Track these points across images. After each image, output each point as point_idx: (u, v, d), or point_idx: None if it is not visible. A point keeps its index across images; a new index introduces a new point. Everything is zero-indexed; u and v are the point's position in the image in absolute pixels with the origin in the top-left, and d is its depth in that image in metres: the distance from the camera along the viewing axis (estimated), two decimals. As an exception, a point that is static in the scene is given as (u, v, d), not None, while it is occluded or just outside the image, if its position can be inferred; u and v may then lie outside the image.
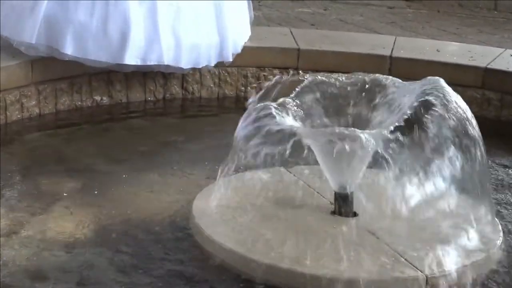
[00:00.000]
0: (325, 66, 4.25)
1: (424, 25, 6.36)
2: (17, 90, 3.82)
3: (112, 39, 3.81)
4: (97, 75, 4.05)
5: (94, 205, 2.97)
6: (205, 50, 4.02)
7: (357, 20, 6.45)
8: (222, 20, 4.06)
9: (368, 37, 4.97)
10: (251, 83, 4.34)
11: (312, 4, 6.97)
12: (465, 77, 4.17)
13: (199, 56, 4.01)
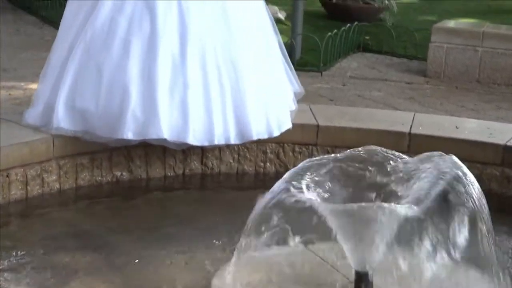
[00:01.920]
0: (344, 142, 4.27)
1: (442, 101, 6.39)
2: (38, 165, 3.85)
3: (111, 113, 3.84)
4: (118, 151, 4.08)
5: (111, 281, 2.96)
6: (219, 126, 3.98)
7: (376, 95, 6.49)
8: (241, 95, 4.01)
9: (387, 113, 4.99)
10: (271, 159, 4.36)
11: (331, 79, 7.03)
12: (485, 154, 4.17)
13: (211, 133, 3.97)
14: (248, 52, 4.10)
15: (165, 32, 3.90)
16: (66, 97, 3.86)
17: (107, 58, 3.87)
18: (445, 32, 7.27)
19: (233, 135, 4.00)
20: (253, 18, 4.26)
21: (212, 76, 3.94)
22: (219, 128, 3.95)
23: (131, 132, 3.81)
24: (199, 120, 3.91)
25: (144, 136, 3.84)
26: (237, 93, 4.00)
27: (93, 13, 3.96)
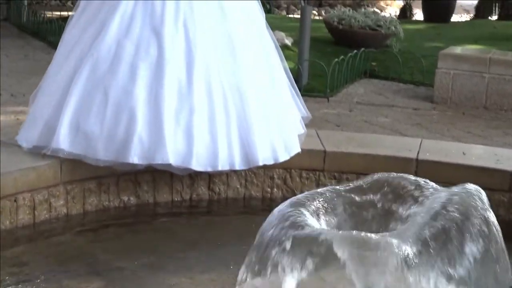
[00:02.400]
0: (351, 168, 4.27)
1: (449, 127, 6.39)
2: (46, 190, 3.86)
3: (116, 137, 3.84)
4: (125, 176, 4.09)
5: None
6: (224, 152, 3.97)
7: (382, 121, 6.49)
8: (246, 121, 4.02)
9: (394, 139, 4.99)
10: (278, 184, 4.36)
11: (337, 105, 7.05)
12: (492, 180, 4.16)
13: (215, 159, 3.96)
14: (254, 78, 4.11)
15: (172, 57, 3.91)
16: (70, 119, 3.85)
17: (113, 81, 3.87)
18: (452, 59, 7.29)
19: (238, 160, 3.99)
20: (258, 44, 4.28)
21: (218, 101, 3.95)
22: (224, 153, 3.94)
23: (137, 156, 3.81)
24: (204, 145, 3.90)
25: (150, 160, 3.84)
26: (242, 119, 4.00)
27: (99, 36, 3.97)
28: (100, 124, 3.83)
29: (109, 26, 3.94)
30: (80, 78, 3.89)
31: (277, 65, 4.39)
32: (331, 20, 9.86)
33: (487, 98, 7.17)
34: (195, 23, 3.99)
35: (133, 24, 3.95)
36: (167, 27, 3.94)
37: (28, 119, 4.16)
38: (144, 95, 3.85)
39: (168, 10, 3.97)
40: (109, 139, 3.82)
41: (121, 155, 3.81)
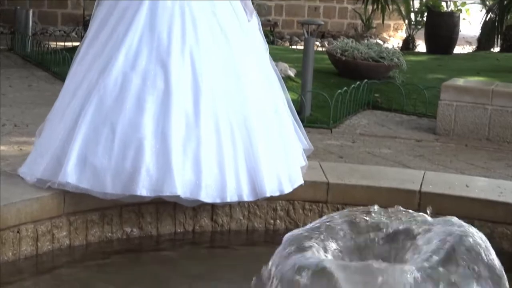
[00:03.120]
0: (354, 200, 4.27)
1: (452, 159, 6.39)
2: (49, 221, 3.86)
3: (124, 170, 3.84)
4: (128, 207, 4.09)
5: None
6: (232, 183, 3.98)
7: (385, 153, 6.50)
8: (253, 153, 4.03)
9: (397, 171, 4.99)
10: (281, 216, 4.36)
11: (340, 136, 7.06)
12: (495, 213, 4.16)
13: (223, 190, 3.97)
14: (259, 110, 4.13)
15: (178, 90, 3.93)
16: (77, 152, 3.86)
17: (120, 115, 3.89)
18: (455, 90, 7.31)
19: (246, 192, 4.00)
20: (263, 76, 4.31)
21: (225, 133, 3.97)
22: (232, 185, 3.95)
23: (145, 188, 3.81)
24: (212, 177, 3.91)
25: (158, 192, 3.84)
26: (249, 151, 4.02)
27: (105, 70, 3.99)
28: (107, 157, 3.84)
29: (116, 60, 3.96)
30: (87, 112, 3.90)
31: (280, 97, 4.41)
32: (334, 52, 9.90)
33: (489, 130, 7.18)
34: (201, 55, 4.02)
35: (139, 58, 3.97)
36: (173, 60, 3.96)
37: (34, 152, 4.17)
38: (151, 128, 3.86)
39: (174, 43, 4.00)
40: (117, 172, 3.82)
41: (129, 187, 3.81)
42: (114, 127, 3.87)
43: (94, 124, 3.89)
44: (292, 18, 17.95)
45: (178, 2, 4.07)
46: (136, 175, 3.79)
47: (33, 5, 16.25)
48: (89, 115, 3.90)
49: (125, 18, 4.08)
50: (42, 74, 9.84)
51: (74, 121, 3.94)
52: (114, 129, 3.87)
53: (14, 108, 7.26)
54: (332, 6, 18.33)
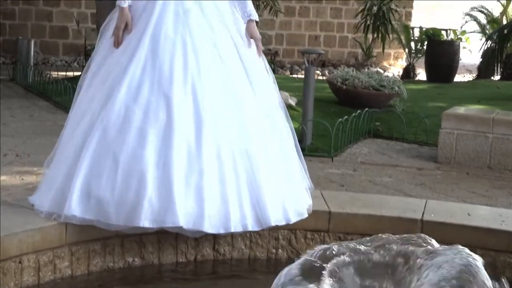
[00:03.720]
0: (356, 229, 4.27)
1: (453, 187, 6.39)
2: (51, 251, 3.86)
3: (127, 202, 3.85)
4: (130, 237, 4.09)
5: None
6: (236, 213, 3.98)
7: (386, 181, 6.50)
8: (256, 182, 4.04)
9: (399, 199, 4.99)
10: (283, 245, 4.35)
11: (342, 165, 7.06)
12: (497, 241, 4.16)
13: (227, 220, 3.97)
14: (261, 140, 4.14)
15: (180, 121, 3.94)
16: (81, 185, 3.88)
17: (123, 146, 3.90)
18: (455, 119, 7.32)
19: (251, 221, 4.01)
20: (266, 108, 4.32)
21: (227, 164, 3.98)
22: (236, 215, 3.96)
23: (148, 220, 3.81)
24: (215, 207, 3.92)
25: (160, 224, 3.85)
26: (252, 181, 4.03)
27: (108, 102, 4.01)
28: (111, 189, 3.85)
29: (118, 92, 3.99)
30: (90, 144, 3.92)
31: (284, 127, 4.42)
32: (335, 81, 9.94)
33: (491, 158, 7.18)
34: (202, 85, 4.04)
35: (142, 89, 3.99)
36: (175, 91, 3.98)
37: (43, 184, 4.19)
38: (153, 159, 3.88)
39: (176, 74, 4.02)
40: (120, 203, 3.84)
41: (132, 219, 3.82)
42: (117, 158, 3.89)
43: (97, 156, 3.91)
44: (292, 47, 18.04)
45: (180, 33, 4.10)
46: (138, 206, 3.80)
47: (34, 35, 16.36)
48: (92, 147, 3.92)
49: (127, 49, 4.11)
50: (43, 104, 9.87)
51: (77, 154, 3.96)
52: (117, 161, 3.88)
53: (15, 138, 7.28)
54: (332, 35, 18.43)
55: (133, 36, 4.12)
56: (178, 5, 4.16)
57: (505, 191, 6.35)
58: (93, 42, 14.23)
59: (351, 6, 18.24)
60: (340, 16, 18.44)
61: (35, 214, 3.96)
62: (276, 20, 17.69)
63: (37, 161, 6.00)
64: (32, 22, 16.82)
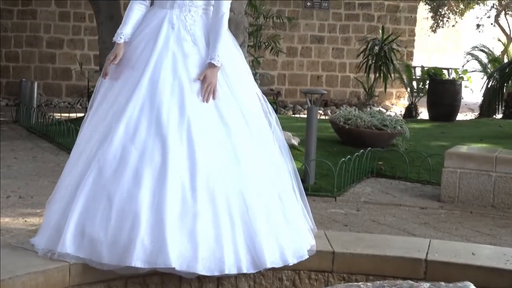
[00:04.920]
0: (360, 269, 4.25)
1: (457, 226, 6.38)
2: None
3: (120, 242, 3.84)
4: (133, 278, 4.05)
5: None
6: (230, 256, 3.95)
7: (390, 221, 6.48)
8: (251, 225, 4.00)
9: (402, 239, 4.97)
10: (287, 286, 4.33)
11: (345, 205, 7.06)
12: (502, 281, 4.13)
13: (221, 262, 3.93)
14: (257, 182, 4.13)
15: (175, 163, 3.95)
16: (75, 223, 3.88)
17: (118, 186, 3.91)
18: (458, 158, 7.33)
19: (245, 264, 3.98)
20: (262, 148, 4.31)
21: (222, 206, 3.97)
22: (230, 257, 3.93)
23: (140, 260, 3.80)
24: (209, 249, 3.90)
25: (153, 265, 3.83)
26: (247, 223, 4.01)
27: (105, 141, 4.03)
28: (104, 228, 3.86)
29: (115, 132, 4.00)
30: (86, 183, 3.94)
31: (282, 168, 4.40)
32: (337, 120, 9.96)
33: (494, 197, 7.17)
34: (198, 129, 4.05)
35: (139, 130, 4.01)
36: (171, 133, 3.99)
37: (43, 223, 4.20)
38: (148, 200, 3.88)
39: (172, 116, 4.03)
40: (113, 243, 3.83)
41: (124, 259, 3.81)
42: (111, 198, 3.90)
43: (92, 195, 3.92)
44: (295, 87, 18.13)
45: (178, 77, 4.12)
46: (131, 247, 3.80)
47: (38, 77, 16.47)
48: (88, 186, 3.94)
49: (126, 89, 4.13)
50: (46, 145, 9.90)
51: (73, 192, 3.98)
52: (111, 201, 3.90)
53: (18, 180, 7.29)
54: (334, 75, 18.52)
55: (131, 76, 4.15)
56: (177, 48, 4.19)
57: (509, 230, 6.33)
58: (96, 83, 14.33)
59: (353, 46, 18.37)
60: (342, 56, 18.56)
61: (39, 256, 3.94)
62: (278, 61, 17.82)
63: (39, 202, 6.01)
64: (36, 64, 16.94)
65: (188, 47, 4.20)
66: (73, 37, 17.09)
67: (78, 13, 17.05)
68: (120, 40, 4.25)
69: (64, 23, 17.02)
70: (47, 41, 16.97)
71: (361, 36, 17.54)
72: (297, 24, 18.06)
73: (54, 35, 16.99)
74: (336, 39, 18.52)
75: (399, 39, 15.83)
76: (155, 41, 4.18)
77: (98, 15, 11.41)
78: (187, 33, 4.22)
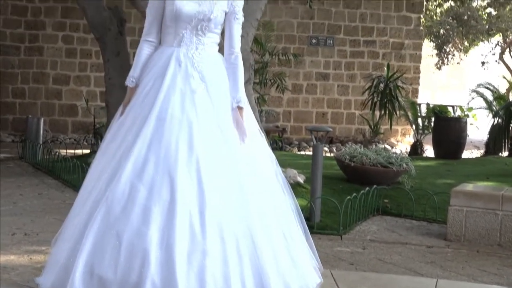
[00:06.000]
0: (367, 309, 4.22)
1: (464, 265, 6.34)
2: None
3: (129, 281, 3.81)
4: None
5: None
6: None
7: (396, 259, 6.45)
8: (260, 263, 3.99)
9: (409, 279, 4.95)
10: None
11: (351, 243, 7.02)
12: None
13: None
14: (264, 221, 4.13)
15: (184, 200, 3.94)
16: (84, 262, 3.86)
17: (127, 224, 3.90)
18: (464, 196, 7.30)
19: None
20: (267, 187, 4.30)
21: (230, 244, 3.96)
22: None
23: None
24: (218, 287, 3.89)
25: None
26: (256, 262, 4.00)
27: (113, 179, 4.02)
28: (114, 267, 3.84)
29: (123, 170, 4.00)
30: (94, 221, 3.93)
31: (285, 206, 4.39)
32: (343, 158, 9.95)
33: (501, 236, 7.13)
34: (207, 167, 4.04)
35: (147, 167, 4.01)
36: (179, 171, 3.99)
37: (48, 262, 4.17)
38: (157, 238, 3.86)
39: (181, 154, 4.03)
40: (122, 283, 3.81)
41: None
42: (120, 237, 3.88)
43: (101, 234, 3.90)
44: (300, 124, 18.16)
45: (186, 113, 4.13)
46: (141, 286, 3.78)
47: (44, 113, 16.53)
48: (97, 225, 3.92)
49: (134, 127, 4.14)
50: (52, 182, 9.89)
51: (82, 231, 3.96)
52: (120, 239, 3.88)
53: (24, 216, 7.27)
54: (339, 112, 18.56)
55: (139, 114, 4.17)
56: (185, 85, 4.21)
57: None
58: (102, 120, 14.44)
59: (358, 83, 18.44)
60: (347, 93, 18.61)
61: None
62: (283, 97, 17.87)
63: (45, 240, 5.99)
64: (42, 100, 17.01)
65: (195, 84, 4.22)
66: (80, 73, 17.18)
67: (85, 49, 17.15)
68: (133, 84, 4.28)
69: (70, 60, 17.12)
70: (53, 77, 17.05)
71: (366, 73, 17.61)
72: (303, 61, 18.14)
73: (61, 72, 17.08)
74: (341, 76, 18.59)
75: (404, 76, 15.88)
76: (163, 79, 4.20)
77: (104, 52, 11.47)
78: (195, 70, 4.24)
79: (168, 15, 4.28)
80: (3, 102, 16.76)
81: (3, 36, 16.73)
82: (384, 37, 18.84)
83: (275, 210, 4.27)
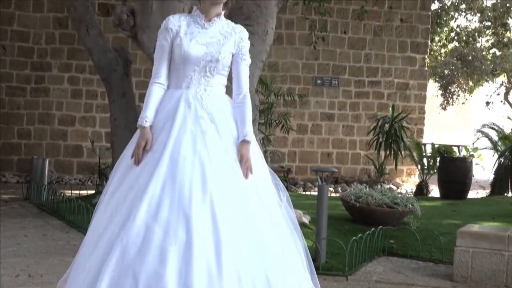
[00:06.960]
0: None
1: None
2: None
3: None
4: None
5: None
6: None
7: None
8: None
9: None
10: None
11: (356, 284, 6.99)
12: None
13: None
14: (280, 265, 4.10)
15: (200, 240, 3.91)
16: None
17: (143, 265, 3.86)
18: (471, 237, 7.27)
19: None
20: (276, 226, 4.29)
21: (247, 285, 3.92)
22: None
23: None
24: None
25: None
26: None
27: (128, 220, 3.99)
28: None
29: (138, 211, 3.97)
30: (109, 264, 3.87)
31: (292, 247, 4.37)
32: (348, 198, 9.93)
33: (507, 277, 7.08)
34: (222, 207, 4.03)
35: (161, 208, 3.98)
36: (194, 211, 3.97)
37: None
38: (174, 279, 3.82)
39: (195, 195, 4.01)
40: None
41: None
42: (137, 278, 3.83)
43: (116, 276, 3.85)
44: (305, 164, 18.15)
45: (198, 154, 4.12)
46: None
47: (49, 154, 16.56)
48: (111, 267, 3.87)
49: (146, 170, 4.13)
50: (57, 223, 9.87)
51: (95, 275, 3.90)
52: (137, 281, 3.83)
53: (28, 258, 7.25)
54: (345, 152, 18.56)
55: (151, 157, 4.16)
56: (195, 126, 4.21)
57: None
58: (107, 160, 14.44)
59: (363, 123, 18.47)
60: (352, 133, 18.63)
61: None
62: (288, 138, 17.88)
63: (49, 281, 5.97)
64: (47, 141, 17.06)
65: (205, 124, 4.22)
66: (85, 114, 17.24)
67: (91, 90, 17.24)
68: (146, 123, 4.26)
69: (76, 101, 17.20)
70: (59, 118, 17.12)
71: (371, 114, 17.65)
72: (308, 101, 18.20)
73: (66, 112, 17.15)
74: (346, 116, 18.63)
75: (409, 117, 15.90)
76: (173, 121, 4.20)
77: (110, 93, 11.51)
78: (204, 111, 4.25)
79: (176, 58, 4.30)
80: (8, 143, 16.81)
81: (9, 78, 16.84)
82: (389, 78, 18.91)
83: (287, 252, 4.24)
